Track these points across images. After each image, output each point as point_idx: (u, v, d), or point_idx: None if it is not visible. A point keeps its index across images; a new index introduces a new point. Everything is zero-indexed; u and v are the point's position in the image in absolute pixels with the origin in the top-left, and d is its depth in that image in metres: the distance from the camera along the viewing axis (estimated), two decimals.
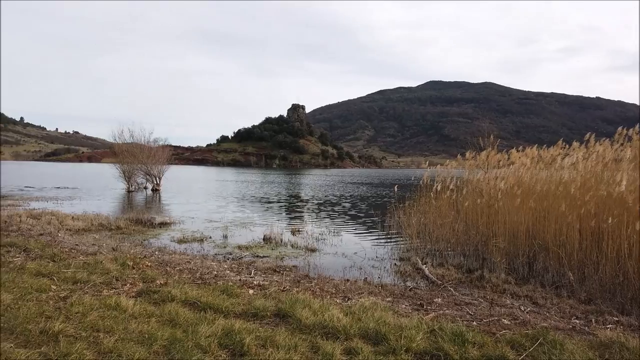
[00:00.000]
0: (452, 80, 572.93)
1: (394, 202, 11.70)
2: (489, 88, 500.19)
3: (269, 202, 24.75)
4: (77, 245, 9.47)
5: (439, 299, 6.28)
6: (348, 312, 4.95)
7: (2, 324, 4.03)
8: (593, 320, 5.49)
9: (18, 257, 7.34)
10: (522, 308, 5.96)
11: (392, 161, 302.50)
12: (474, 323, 5.09)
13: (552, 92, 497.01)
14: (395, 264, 9.10)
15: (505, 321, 5.21)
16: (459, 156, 11.31)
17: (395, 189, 12.30)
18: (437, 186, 10.48)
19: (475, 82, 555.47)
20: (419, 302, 6.02)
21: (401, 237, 11.47)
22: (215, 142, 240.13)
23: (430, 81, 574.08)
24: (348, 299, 5.97)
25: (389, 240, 12.01)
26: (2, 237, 9.62)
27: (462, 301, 6.24)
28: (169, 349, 3.72)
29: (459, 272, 8.16)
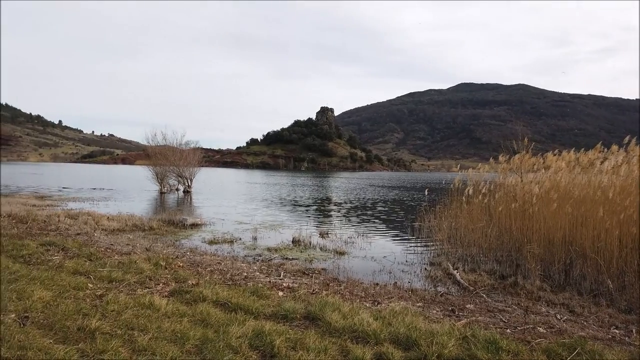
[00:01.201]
0: (483, 82, 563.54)
1: (424, 206, 11.56)
2: (522, 90, 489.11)
3: (298, 205, 24.84)
4: (112, 245, 9.73)
5: (471, 305, 6.16)
6: (378, 316, 4.91)
7: (42, 320, 4.17)
8: (634, 330, 5.27)
9: (57, 256, 7.60)
10: (559, 316, 5.78)
11: (422, 164, 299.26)
12: (508, 331, 4.97)
13: (589, 94, 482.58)
14: (425, 268, 8.98)
15: (541, 329, 5.06)
16: (491, 159, 11.08)
17: (426, 193, 12.15)
18: (468, 190, 10.28)
19: (508, 84, 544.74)
20: (450, 308, 5.91)
21: (431, 241, 11.31)
22: (244, 145, 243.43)
23: (461, 83, 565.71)
24: (378, 303, 5.92)
25: (418, 244, 11.86)
26: (42, 236, 9.98)
27: (495, 308, 6.10)
28: (201, 349, 3.77)
29: (491, 278, 7.97)
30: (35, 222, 12.09)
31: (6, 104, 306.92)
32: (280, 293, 6.13)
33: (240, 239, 12.12)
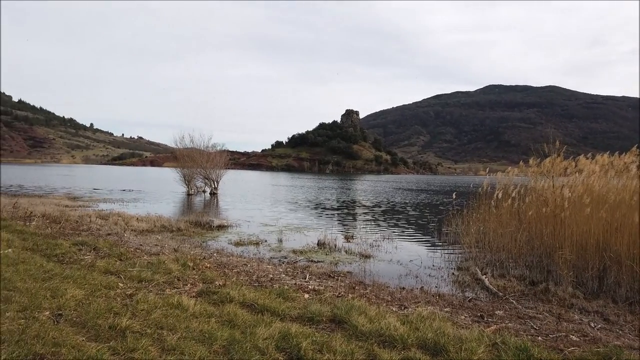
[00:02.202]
0: (512, 84, 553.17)
1: (452, 209, 11.39)
2: (553, 92, 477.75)
3: (323, 207, 24.85)
4: (141, 245, 9.92)
5: (501, 312, 6.03)
6: (405, 320, 4.85)
7: (75, 318, 4.28)
8: None
9: (88, 255, 7.79)
10: (592, 324, 5.61)
11: (449, 167, 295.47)
12: (539, 338, 4.84)
13: (623, 96, 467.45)
14: (453, 273, 8.84)
15: (574, 337, 4.91)
16: (521, 163, 10.85)
17: (453, 196, 11.97)
18: (497, 194, 10.09)
19: (537, 85, 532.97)
20: (479, 314, 5.80)
21: (459, 245, 11.13)
22: (270, 147, 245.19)
23: (490, 85, 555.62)
24: (404, 308, 5.85)
25: (445, 248, 11.69)
26: (75, 235, 10.26)
27: (526, 314, 5.95)
28: (228, 349, 3.80)
29: (521, 284, 7.79)
30: (68, 223, 12.43)
31: (40, 107, 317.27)
32: (306, 295, 6.14)
33: (265, 240, 12.20)
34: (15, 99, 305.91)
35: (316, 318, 4.85)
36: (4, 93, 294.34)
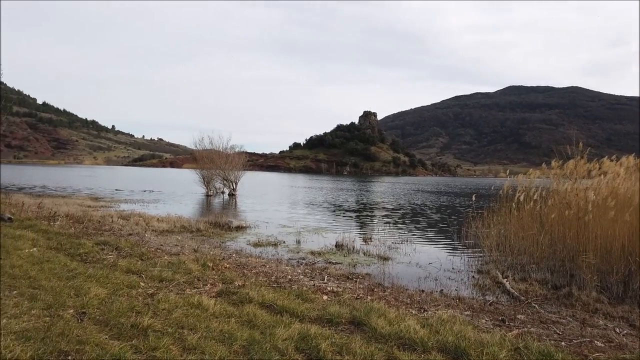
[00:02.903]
0: (533, 84, 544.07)
1: (471, 212, 11.25)
2: (575, 93, 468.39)
3: (340, 209, 24.82)
4: (162, 245, 10.05)
5: (523, 316, 5.93)
6: (425, 323, 4.81)
7: (98, 316, 4.35)
8: None
9: (111, 255, 7.92)
10: (618, 330, 5.48)
11: (468, 169, 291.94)
12: (563, 343, 4.75)
13: None
14: (473, 276, 8.74)
15: (599, 343, 4.81)
16: (543, 165, 10.66)
17: (473, 199, 11.82)
18: (519, 196, 9.93)
19: (559, 86, 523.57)
20: (500, 318, 5.72)
21: (479, 248, 10.99)
22: (287, 149, 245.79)
23: (510, 86, 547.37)
24: (424, 311, 5.80)
25: (465, 251, 11.56)
26: (97, 235, 10.45)
27: (549, 319, 5.84)
28: (248, 350, 3.82)
29: (543, 288, 7.66)
30: (90, 222, 12.67)
31: (64, 110, 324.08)
32: (325, 297, 6.13)
33: (284, 242, 12.24)
34: (39, 101, 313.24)
35: (335, 320, 4.84)
36: (28, 95, 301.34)
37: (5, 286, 5.13)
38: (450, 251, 11.86)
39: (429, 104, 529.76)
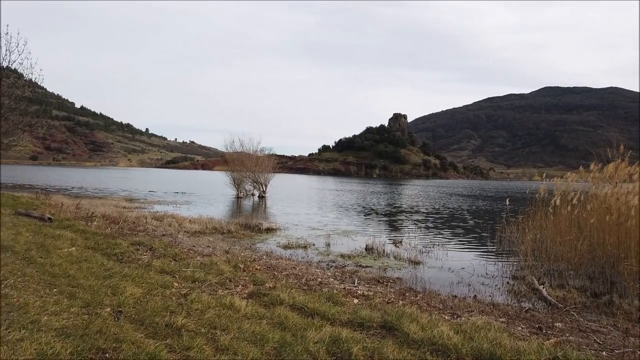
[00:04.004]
0: (570, 85, 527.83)
1: (505, 216, 10.98)
2: (614, 93, 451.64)
3: (370, 212, 24.68)
4: (194, 246, 10.22)
5: (560, 324, 5.73)
6: (458, 330, 4.71)
7: (134, 315, 4.44)
8: None
9: (145, 255, 8.10)
10: None
11: (501, 172, 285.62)
12: (604, 353, 4.56)
13: None
14: (507, 282, 8.52)
15: None
16: (580, 168, 10.31)
17: (507, 202, 11.54)
18: (555, 200, 9.63)
19: (598, 87, 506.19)
20: (537, 325, 5.54)
21: (513, 254, 10.71)
22: (317, 151, 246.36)
23: (545, 87, 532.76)
24: (457, 316, 5.69)
25: (499, 256, 11.29)
26: (132, 236, 10.70)
27: (588, 328, 5.63)
28: (279, 352, 3.82)
29: (582, 295, 7.39)
30: (125, 223, 12.99)
31: (100, 113, 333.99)
32: (355, 300, 6.09)
33: (313, 244, 12.24)
34: (77, 105, 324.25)
35: (366, 324, 4.80)
36: (67, 100, 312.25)
37: (46, 284, 5.30)
38: (484, 256, 11.60)
39: (461, 105, 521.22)
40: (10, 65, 8.58)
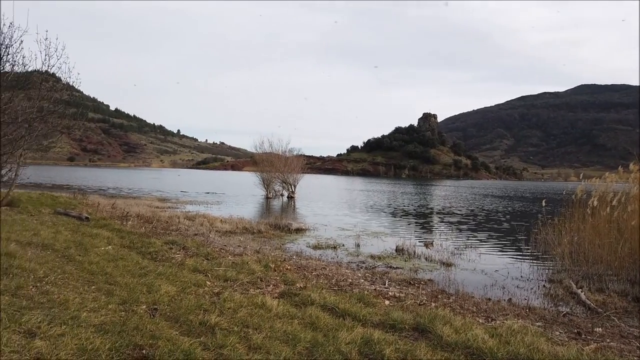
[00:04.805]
0: (608, 83, 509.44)
1: (540, 217, 10.67)
2: None
3: (400, 213, 24.47)
4: (225, 245, 10.35)
5: (601, 329, 5.53)
6: (493, 333, 4.60)
7: (168, 313, 4.53)
8: None
9: (178, 254, 8.25)
10: None
11: (535, 173, 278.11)
12: None
13: None
14: (544, 285, 8.28)
15: None
16: (619, 168, 9.93)
17: (543, 204, 11.22)
18: (593, 201, 9.31)
19: (637, 84, 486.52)
20: (575, 330, 5.37)
21: (549, 256, 10.41)
22: (345, 152, 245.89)
23: (581, 85, 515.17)
24: (492, 320, 5.56)
25: (534, 259, 11.00)
26: (166, 235, 10.93)
27: (630, 334, 5.41)
28: (311, 351, 3.82)
29: (623, 300, 7.11)
30: (159, 223, 13.28)
31: (134, 115, 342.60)
32: (387, 302, 6.04)
33: (343, 245, 12.22)
34: (112, 107, 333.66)
35: (398, 325, 4.75)
36: (102, 102, 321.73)
37: (85, 281, 5.47)
38: (518, 258, 11.32)
39: (493, 104, 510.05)
40: (49, 70, 8.87)
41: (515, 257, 11.62)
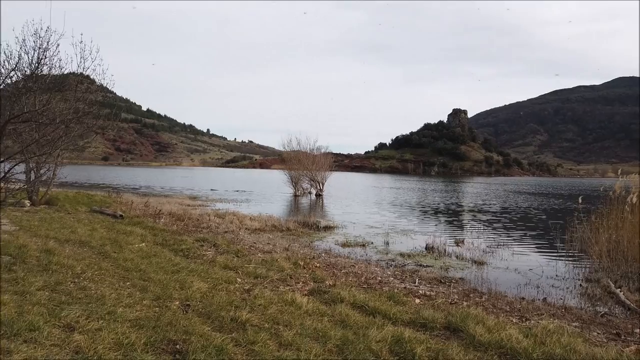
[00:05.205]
0: None
1: (576, 215, 10.35)
2: None
3: (429, 211, 24.18)
4: (255, 243, 10.46)
5: None
6: (528, 333, 4.49)
7: (200, 309, 4.61)
8: None
9: (209, 251, 8.39)
10: None
11: (570, 169, 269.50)
12: None
13: None
14: (580, 285, 8.04)
15: None
16: None
17: (579, 201, 10.87)
18: (632, 198, 8.96)
19: None
20: (614, 331, 5.19)
21: (586, 255, 10.09)
22: (373, 149, 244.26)
23: (619, 78, 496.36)
24: (526, 319, 5.44)
25: (570, 258, 10.68)
26: (197, 232, 11.13)
27: None
28: (342, 349, 3.82)
29: None
30: (190, 220, 13.52)
31: (165, 115, 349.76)
32: (417, 300, 5.98)
33: (372, 243, 12.16)
34: (144, 108, 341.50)
35: (429, 324, 4.70)
36: (134, 103, 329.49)
37: (120, 277, 5.62)
38: (553, 257, 11.02)
39: (525, 99, 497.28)
40: (84, 72, 9.14)
41: (550, 255, 11.32)
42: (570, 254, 11.01)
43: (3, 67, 7.01)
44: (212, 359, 3.34)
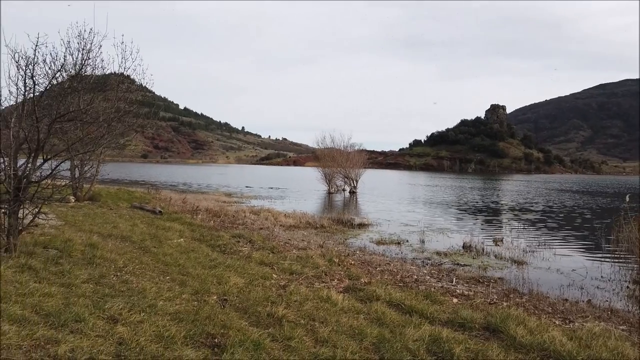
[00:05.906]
0: None
1: (623, 214, 9.90)
2: None
3: (466, 209, 23.71)
4: (289, 240, 10.52)
5: None
6: (572, 336, 4.33)
7: (237, 304, 4.67)
8: None
9: (245, 247, 8.50)
10: None
11: (615, 166, 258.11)
12: None
13: None
14: (627, 286, 7.70)
15: None
16: None
17: (627, 199, 10.38)
18: None
19: None
20: None
21: (633, 256, 9.64)
22: (407, 146, 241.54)
23: None
24: (569, 322, 5.25)
25: (616, 258, 10.22)
26: (233, 229, 11.29)
27: None
28: (378, 347, 3.79)
29: None
30: (226, 217, 13.74)
31: (201, 114, 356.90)
32: (455, 300, 5.87)
33: (407, 241, 12.02)
34: (181, 106, 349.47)
35: (468, 324, 4.60)
36: (172, 102, 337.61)
37: (160, 272, 5.76)
38: (598, 257, 10.60)
39: (567, 94, 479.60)
40: (125, 72, 9.40)
41: (594, 256, 10.89)
42: (616, 255, 10.53)
43: (50, 69, 7.30)
44: (250, 353, 3.37)
